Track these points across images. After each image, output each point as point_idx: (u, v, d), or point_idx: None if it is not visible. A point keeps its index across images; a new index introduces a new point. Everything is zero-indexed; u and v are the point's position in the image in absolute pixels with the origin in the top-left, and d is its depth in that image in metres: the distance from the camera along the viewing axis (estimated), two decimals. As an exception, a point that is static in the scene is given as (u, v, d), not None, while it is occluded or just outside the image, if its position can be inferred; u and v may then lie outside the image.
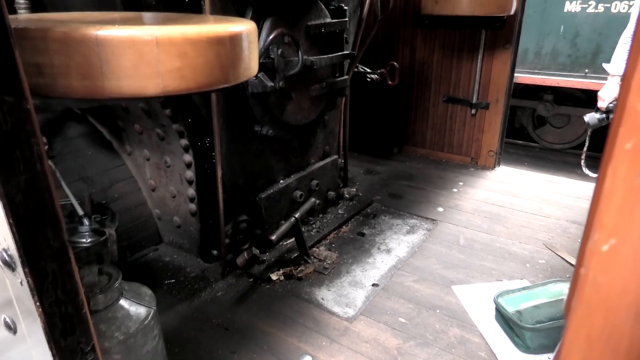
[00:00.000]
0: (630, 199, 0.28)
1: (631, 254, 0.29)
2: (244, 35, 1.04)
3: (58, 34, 0.83)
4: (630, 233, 0.28)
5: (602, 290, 0.30)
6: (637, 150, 0.27)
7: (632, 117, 0.26)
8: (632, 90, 0.26)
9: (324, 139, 2.92)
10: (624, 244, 0.29)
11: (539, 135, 6.50)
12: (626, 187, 0.27)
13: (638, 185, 0.27)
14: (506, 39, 3.35)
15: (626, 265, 0.29)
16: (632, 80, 0.26)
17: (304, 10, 2.34)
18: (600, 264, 0.30)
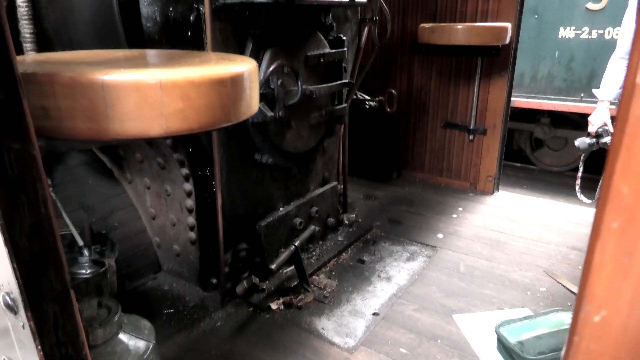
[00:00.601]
0: (618, 275, 0.29)
1: (621, 325, 0.30)
2: (245, 75, 1.07)
3: (65, 79, 0.86)
4: (619, 305, 0.29)
5: (594, 358, 0.31)
6: (623, 229, 0.28)
7: (618, 198, 0.28)
8: (617, 172, 0.27)
9: (324, 166, 2.94)
10: (614, 315, 0.30)
11: (537, 158, 6.54)
12: (614, 264, 0.29)
13: (625, 263, 0.28)
14: (502, 66, 3.41)
15: (617, 335, 0.30)
16: (616, 163, 0.27)
17: (303, 41, 2.39)
18: (593, 334, 0.31)
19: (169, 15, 1.79)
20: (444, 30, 3.13)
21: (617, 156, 0.27)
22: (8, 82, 0.68)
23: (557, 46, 5.50)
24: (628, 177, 0.27)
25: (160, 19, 1.77)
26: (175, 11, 1.81)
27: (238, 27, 2.06)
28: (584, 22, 5.29)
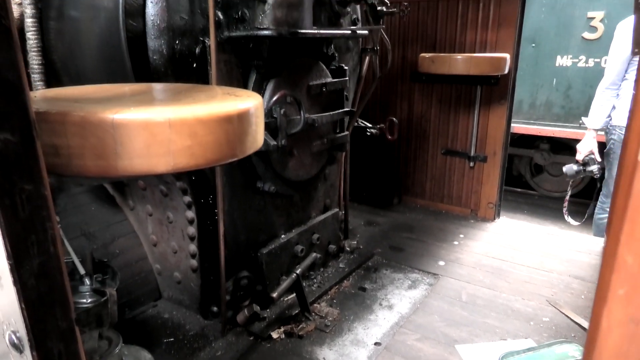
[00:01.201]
0: (625, 341, 0.30)
1: (630, 389, 0.30)
2: (251, 111, 1.09)
3: (76, 118, 0.88)
4: (627, 370, 0.30)
5: (604, 422, 0.31)
6: (629, 296, 0.29)
7: (623, 267, 0.29)
8: (621, 242, 0.28)
9: (325, 193, 2.95)
10: (623, 380, 0.30)
11: (537, 183, 6.56)
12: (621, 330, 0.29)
13: (632, 329, 0.29)
14: (501, 95, 3.46)
15: (626, 399, 0.30)
16: (620, 234, 0.28)
17: (306, 71, 2.43)
18: (602, 398, 0.31)
19: (175, 48, 1.83)
20: (444, 60, 3.19)
21: (622, 228, 0.28)
22: (23, 124, 0.69)
23: (554, 74, 5.59)
24: (632, 248, 0.28)
25: (167, 51, 1.81)
26: (182, 44, 1.85)
27: (242, 58, 2.10)
28: (581, 51, 5.39)
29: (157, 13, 1.78)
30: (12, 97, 0.67)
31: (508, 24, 3.30)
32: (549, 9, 5.52)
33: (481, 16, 3.39)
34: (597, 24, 5.31)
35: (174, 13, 1.81)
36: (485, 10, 3.36)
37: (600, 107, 3.43)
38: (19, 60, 0.67)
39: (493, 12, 3.34)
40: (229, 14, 2.00)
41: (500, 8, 3.31)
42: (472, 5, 3.41)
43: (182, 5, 1.84)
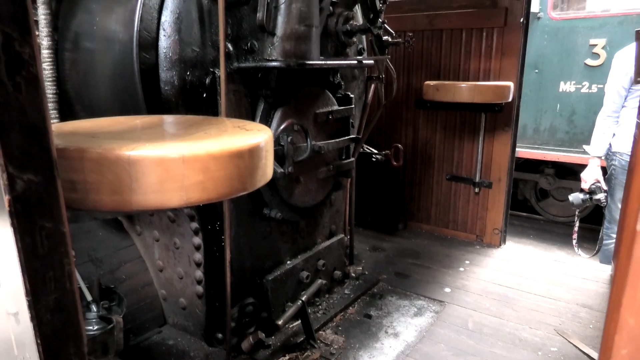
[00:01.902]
0: (630, 400, 0.31)
1: None
2: (261, 146, 1.12)
3: (94, 155, 0.91)
4: None
5: None
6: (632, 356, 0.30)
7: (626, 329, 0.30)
8: (623, 305, 0.30)
9: (331, 219, 2.96)
10: None
11: (543, 208, 6.53)
12: (626, 390, 0.31)
13: (636, 389, 0.30)
14: (505, 122, 3.50)
15: None
16: (622, 297, 0.30)
17: (313, 99, 2.48)
18: None
19: (186, 79, 1.88)
20: (448, 88, 3.24)
21: (623, 292, 0.30)
22: (45, 164, 0.72)
23: (558, 99, 5.64)
24: (634, 311, 0.30)
25: (178, 82, 1.86)
26: (193, 75, 1.90)
27: (250, 88, 2.15)
28: (584, 77, 5.44)
29: (169, 46, 1.83)
30: (36, 140, 0.71)
31: (511, 53, 3.36)
32: (552, 37, 5.60)
33: (484, 45, 3.46)
34: (599, 50, 5.38)
35: (185, 46, 1.87)
36: (489, 39, 3.43)
37: (602, 135, 3.46)
38: (45, 105, 0.71)
39: (496, 41, 3.41)
40: (239, 45, 2.06)
41: (503, 37, 3.37)
42: (475, 35, 3.48)
43: (193, 38, 1.89)
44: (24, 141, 0.69)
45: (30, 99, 0.69)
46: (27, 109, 0.68)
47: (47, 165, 0.72)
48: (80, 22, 2.06)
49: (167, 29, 1.83)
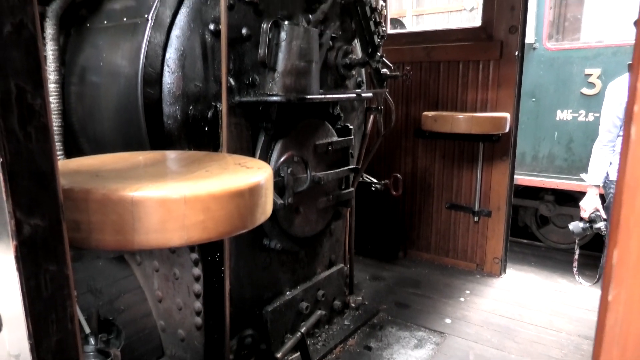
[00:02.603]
0: None
1: None
2: (261, 184, 1.15)
3: (98, 195, 0.93)
4: None
5: None
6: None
7: None
8: None
9: (330, 248, 2.97)
10: None
11: (544, 235, 6.50)
12: None
13: None
14: (503, 151, 3.54)
15: None
16: None
17: (313, 131, 2.52)
18: None
19: (188, 114, 1.92)
20: (446, 119, 3.30)
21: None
22: (52, 209, 0.75)
23: (555, 127, 5.69)
24: None
25: (181, 116, 1.90)
26: (195, 109, 1.95)
27: (251, 121, 2.20)
28: (580, 106, 5.51)
29: (173, 81, 1.88)
30: (44, 185, 0.73)
31: (507, 84, 3.43)
32: (547, 66, 5.70)
33: (481, 76, 3.53)
34: (594, 80, 5.46)
35: (189, 81, 1.92)
36: (485, 71, 3.51)
37: (599, 164, 3.50)
38: (53, 152, 0.74)
39: (492, 73, 3.48)
40: (241, 79, 2.11)
41: (499, 69, 3.45)
42: (472, 66, 3.56)
43: (196, 74, 1.95)
44: (32, 187, 0.71)
45: (39, 147, 0.72)
46: (36, 156, 0.71)
47: (54, 209, 0.75)
48: (87, 57, 2.12)
49: (171, 65, 1.88)
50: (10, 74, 0.67)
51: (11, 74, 0.67)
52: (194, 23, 1.93)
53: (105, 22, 2.07)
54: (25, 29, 0.68)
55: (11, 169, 0.68)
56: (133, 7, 1.99)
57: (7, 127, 0.67)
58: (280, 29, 2.03)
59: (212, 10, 1.98)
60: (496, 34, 3.40)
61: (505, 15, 3.33)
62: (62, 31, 2.18)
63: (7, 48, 0.66)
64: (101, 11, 2.12)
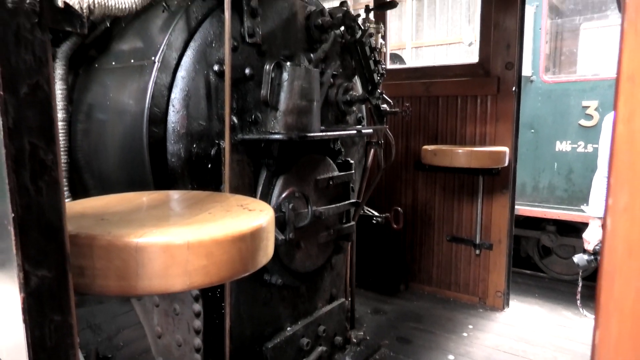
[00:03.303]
0: None
1: None
2: (263, 227, 1.17)
3: (104, 242, 0.95)
4: None
5: None
6: None
7: None
8: None
9: (331, 282, 2.96)
10: None
11: (547, 266, 6.45)
12: None
13: None
14: (503, 184, 3.57)
15: None
16: None
17: (314, 166, 2.56)
18: None
19: (192, 151, 1.96)
20: (446, 153, 3.34)
21: None
22: (59, 260, 0.77)
23: (555, 158, 5.74)
24: None
25: (185, 154, 1.94)
26: (199, 147, 1.99)
27: (253, 157, 2.23)
28: (579, 137, 5.57)
29: (177, 121, 1.93)
30: (52, 237, 0.75)
31: (505, 119, 3.49)
32: (545, 98, 5.79)
33: (479, 111, 3.60)
34: (592, 112, 5.54)
35: (193, 120, 1.97)
36: (483, 105, 3.58)
37: (600, 196, 3.52)
38: (63, 204, 0.76)
39: (490, 107, 3.55)
40: (244, 117, 2.16)
41: (497, 104, 3.52)
42: (470, 101, 3.63)
43: (200, 113, 2.00)
44: (41, 240, 0.74)
45: (49, 200, 0.74)
46: (46, 210, 0.74)
47: (61, 260, 0.77)
48: (94, 95, 2.18)
49: (176, 105, 1.94)
50: (24, 133, 0.70)
51: (25, 133, 0.70)
52: (199, 64, 1.99)
53: (113, 63, 2.13)
54: (41, 90, 0.72)
55: (22, 222, 0.71)
56: (141, 49, 2.06)
57: (19, 182, 0.70)
58: (283, 70, 2.10)
59: (217, 52, 2.05)
60: (493, 70, 3.48)
61: (502, 52, 3.42)
62: (71, 71, 2.25)
63: (23, 108, 0.69)
64: (109, 52, 2.19)
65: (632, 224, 0.36)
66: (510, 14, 3.39)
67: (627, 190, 0.34)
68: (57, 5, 0.74)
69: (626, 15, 0.45)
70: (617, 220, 0.37)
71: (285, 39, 2.39)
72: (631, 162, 0.35)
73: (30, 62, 0.70)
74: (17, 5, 0.67)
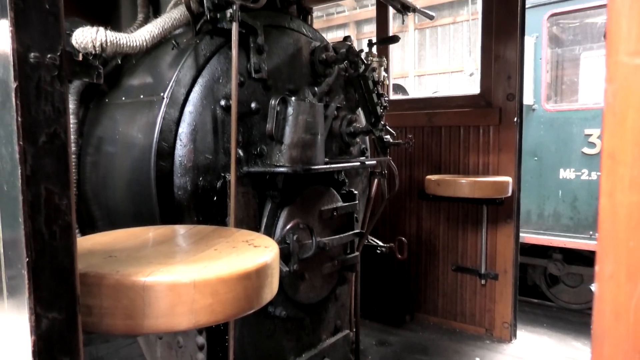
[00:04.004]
0: None
1: None
2: (268, 264, 1.18)
3: (111, 281, 0.97)
4: None
5: None
6: None
7: None
8: None
9: (335, 314, 2.93)
10: None
11: (554, 295, 6.36)
12: None
13: None
14: (507, 214, 3.57)
15: None
16: None
17: (318, 197, 2.58)
18: None
19: (198, 184, 2.00)
20: (449, 184, 3.36)
21: None
22: (69, 302, 0.79)
23: (559, 186, 5.73)
24: None
25: (191, 187, 1.97)
26: (205, 180, 2.02)
27: (259, 189, 2.26)
28: (583, 165, 5.58)
29: (185, 154, 1.97)
30: (63, 280, 0.78)
31: (508, 149, 3.52)
32: (548, 127, 5.84)
33: (482, 141, 3.63)
34: (595, 140, 5.57)
35: (199, 154, 2.01)
36: (486, 135, 3.61)
37: None
38: (74, 247, 0.79)
39: (492, 137, 3.59)
40: (249, 150, 2.21)
41: (499, 134, 3.55)
42: (472, 131, 3.67)
43: (207, 147, 2.04)
44: (52, 283, 0.76)
45: (62, 243, 0.77)
46: (59, 253, 0.76)
47: (71, 302, 0.79)
48: (104, 129, 2.24)
49: (183, 139, 1.98)
50: (41, 180, 0.73)
51: (42, 179, 0.73)
52: (206, 100, 2.05)
53: (123, 98, 2.20)
54: (58, 138, 0.75)
55: (35, 265, 0.73)
56: (150, 85, 2.12)
57: (34, 227, 0.73)
58: (288, 105, 2.15)
59: (224, 87, 2.11)
60: (495, 101, 3.54)
61: (502, 83, 3.48)
62: (82, 105, 2.31)
63: (40, 157, 0.73)
64: (120, 87, 2.26)
65: (618, 290, 0.38)
66: (510, 46, 3.47)
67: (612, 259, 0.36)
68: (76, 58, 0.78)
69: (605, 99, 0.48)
70: (604, 286, 0.38)
71: (291, 74, 2.45)
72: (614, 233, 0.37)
73: (49, 113, 0.74)
74: (39, 60, 0.71)
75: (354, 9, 13.85)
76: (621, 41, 0.44)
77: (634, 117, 0.42)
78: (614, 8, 0.44)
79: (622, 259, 0.37)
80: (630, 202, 0.40)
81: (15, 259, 0.73)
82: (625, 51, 0.44)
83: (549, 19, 5.84)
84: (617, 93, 0.45)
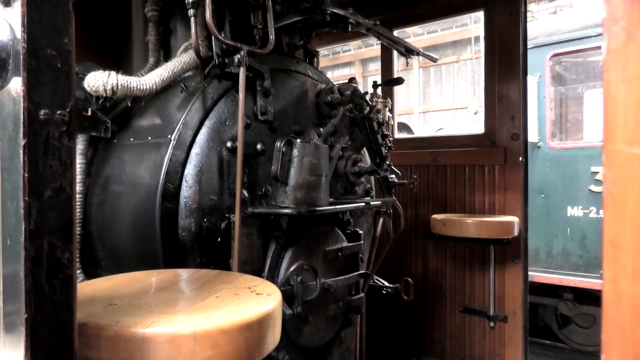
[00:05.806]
0: None
1: None
2: (270, 313, 1.17)
3: (111, 332, 0.96)
4: None
5: None
6: None
7: None
8: None
9: (340, 357, 2.85)
10: None
11: (566, 336, 6.17)
12: None
13: None
14: (514, 254, 3.51)
15: None
16: None
17: (322, 238, 2.56)
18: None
19: (202, 226, 2.00)
20: (455, 223, 3.33)
21: None
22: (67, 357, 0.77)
23: (567, 224, 5.66)
24: None
25: (195, 229, 1.97)
26: (209, 221, 2.02)
27: (263, 230, 2.26)
28: (590, 203, 5.54)
29: (190, 196, 1.99)
30: (62, 335, 0.77)
31: (513, 188, 3.51)
32: (553, 164, 5.83)
33: (487, 180, 3.63)
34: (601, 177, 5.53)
35: (205, 195, 2.02)
36: (491, 175, 3.61)
37: None
38: (74, 302, 0.78)
39: (498, 176, 3.58)
40: (254, 191, 2.22)
41: (504, 173, 3.55)
42: (477, 170, 3.67)
43: (212, 188, 2.06)
44: (50, 338, 0.75)
45: (62, 298, 0.76)
46: (58, 308, 0.76)
47: (68, 357, 0.78)
48: (111, 169, 2.26)
49: (189, 180, 2.00)
50: (44, 234, 0.74)
51: (45, 234, 0.74)
52: (213, 141, 2.08)
53: (131, 139, 2.23)
54: (64, 192, 0.76)
55: (33, 321, 0.72)
56: (158, 127, 2.16)
57: (35, 282, 0.73)
58: (293, 147, 2.17)
59: (230, 129, 2.15)
60: (499, 141, 3.56)
61: (506, 123, 3.51)
62: (91, 145, 2.35)
63: (45, 211, 0.73)
64: (129, 129, 2.30)
65: (627, 382, 0.37)
66: (513, 86, 3.52)
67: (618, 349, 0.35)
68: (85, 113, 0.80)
69: (605, 185, 0.48)
70: (611, 376, 0.37)
71: (296, 115, 2.49)
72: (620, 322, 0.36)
73: (56, 167, 0.75)
74: (48, 117, 0.73)
75: (359, 47, 14.20)
76: (618, 129, 0.45)
77: (634, 206, 0.42)
78: (610, 96, 0.44)
79: (629, 350, 0.36)
80: (634, 292, 0.39)
81: (14, 314, 0.73)
82: (622, 139, 0.44)
83: (551, 58, 5.94)
84: (616, 180, 0.45)
